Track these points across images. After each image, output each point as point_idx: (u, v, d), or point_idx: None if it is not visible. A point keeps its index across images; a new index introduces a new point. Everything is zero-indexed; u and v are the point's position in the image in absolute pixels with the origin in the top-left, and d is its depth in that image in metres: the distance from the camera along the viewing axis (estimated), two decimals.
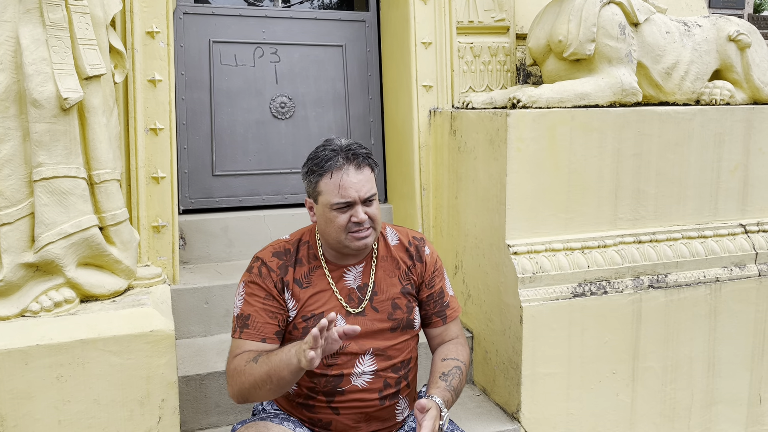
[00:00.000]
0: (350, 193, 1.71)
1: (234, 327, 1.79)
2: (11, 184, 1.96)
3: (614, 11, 2.69)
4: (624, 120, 2.60)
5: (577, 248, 2.55)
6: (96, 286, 2.12)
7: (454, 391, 1.78)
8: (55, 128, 1.98)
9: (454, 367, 1.83)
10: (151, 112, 2.60)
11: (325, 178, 1.73)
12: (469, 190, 2.75)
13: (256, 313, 1.77)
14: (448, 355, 1.88)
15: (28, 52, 1.94)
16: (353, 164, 1.73)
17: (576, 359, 2.53)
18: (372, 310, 1.83)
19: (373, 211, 1.76)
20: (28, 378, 1.91)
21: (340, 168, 1.72)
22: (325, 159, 1.74)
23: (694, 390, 2.76)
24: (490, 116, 2.56)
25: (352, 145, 1.76)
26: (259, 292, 1.79)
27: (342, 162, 1.72)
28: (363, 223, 1.74)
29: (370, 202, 1.75)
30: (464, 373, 1.86)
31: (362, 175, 1.74)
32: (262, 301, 1.78)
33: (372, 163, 1.78)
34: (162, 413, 2.06)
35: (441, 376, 1.80)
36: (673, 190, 2.73)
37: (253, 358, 1.69)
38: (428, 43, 3.04)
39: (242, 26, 3.22)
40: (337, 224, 1.74)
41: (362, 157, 1.75)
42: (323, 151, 1.76)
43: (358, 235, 1.75)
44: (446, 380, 1.79)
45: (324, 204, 1.75)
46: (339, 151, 1.74)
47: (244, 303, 1.79)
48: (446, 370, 1.82)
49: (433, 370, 1.85)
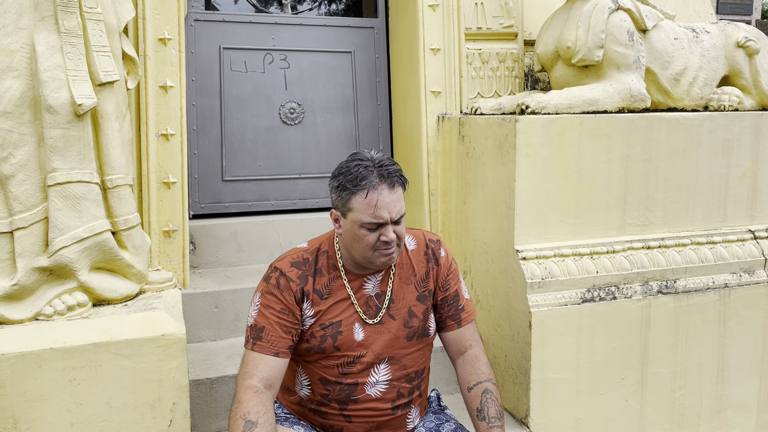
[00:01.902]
0: (383, 214, 1.69)
1: (247, 337, 1.77)
2: (26, 189, 1.99)
3: (623, 17, 2.70)
4: (632, 126, 2.60)
5: (586, 254, 2.55)
6: (108, 290, 2.14)
7: (495, 418, 1.78)
8: (69, 134, 2.01)
9: (482, 394, 1.82)
10: (162, 117, 2.62)
11: (358, 196, 1.70)
12: (477, 195, 2.76)
13: (270, 327, 1.75)
14: (471, 382, 1.85)
15: (43, 59, 1.97)
16: (387, 183, 1.70)
17: (585, 365, 2.53)
18: (389, 319, 1.83)
19: (400, 229, 1.75)
20: (41, 381, 1.93)
21: (374, 188, 1.69)
22: (359, 177, 1.70)
23: (703, 396, 2.76)
24: (498, 122, 2.57)
25: (384, 161, 1.73)
26: (275, 304, 1.77)
27: (376, 181, 1.69)
28: (391, 242, 1.73)
29: (399, 222, 1.74)
30: (495, 386, 1.85)
31: (395, 195, 1.71)
32: (278, 314, 1.76)
33: (403, 182, 1.75)
34: (173, 416, 2.08)
35: (477, 414, 1.80)
36: (682, 196, 2.73)
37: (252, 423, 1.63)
38: (437, 49, 3.06)
39: (252, 33, 3.25)
40: (366, 242, 1.72)
41: (396, 176, 1.72)
42: (356, 167, 1.71)
43: (385, 252, 1.74)
44: (484, 417, 1.79)
45: (354, 221, 1.72)
46: (372, 168, 1.70)
47: (259, 314, 1.77)
48: (479, 404, 1.81)
49: (468, 407, 1.85)
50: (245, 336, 1.79)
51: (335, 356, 1.79)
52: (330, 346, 1.79)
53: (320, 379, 1.82)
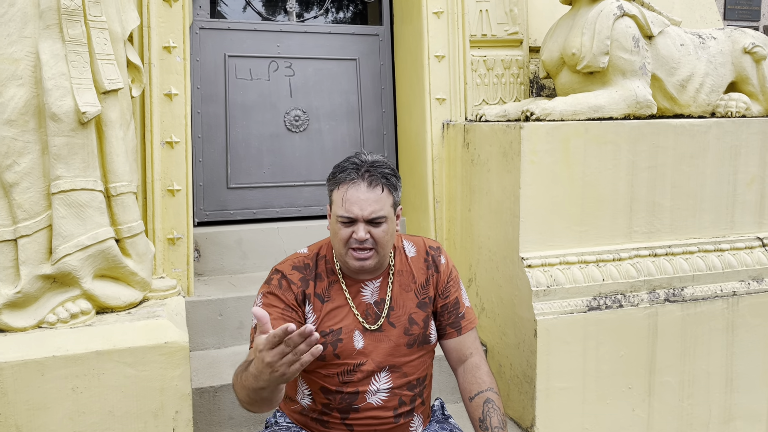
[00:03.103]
0: (353, 209, 1.69)
1: (252, 337, 1.74)
2: (30, 196, 1.99)
3: (628, 24, 2.69)
4: (638, 132, 2.59)
5: (592, 261, 2.53)
6: (112, 297, 2.14)
7: (498, 427, 1.76)
8: (73, 142, 2.01)
9: (484, 403, 1.80)
10: (167, 125, 2.63)
11: (338, 190, 1.73)
12: (482, 202, 2.75)
13: (274, 322, 1.73)
14: (472, 391, 1.84)
15: (48, 67, 1.98)
16: (366, 181, 1.70)
17: (591, 373, 2.50)
18: (389, 326, 1.82)
19: (378, 233, 1.72)
20: (44, 389, 1.93)
21: (351, 182, 1.70)
22: (341, 170, 1.73)
23: (711, 405, 2.73)
24: (503, 129, 2.56)
25: (377, 162, 1.73)
26: (278, 303, 1.76)
27: (355, 176, 1.71)
28: (363, 242, 1.71)
29: (377, 224, 1.71)
30: (497, 395, 1.83)
31: (372, 194, 1.70)
32: (281, 311, 1.75)
33: (389, 185, 1.73)
34: (176, 425, 2.07)
35: (480, 424, 1.78)
36: (689, 203, 2.71)
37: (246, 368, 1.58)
38: (441, 56, 3.06)
39: (257, 41, 3.26)
40: (340, 237, 1.73)
41: (379, 176, 1.71)
42: (345, 162, 1.75)
43: (357, 255, 1.73)
44: (486, 427, 1.77)
45: (334, 213, 1.75)
46: (359, 166, 1.72)
47: None
48: (481, 414, 1.79)
49: (470, 417, 1.83)
50: (250, 339, 1.74)
51: (335, 364, 1.78)
52: (330, 354, 1.77)
53: (321, 389, 1.80)
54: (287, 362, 1.38)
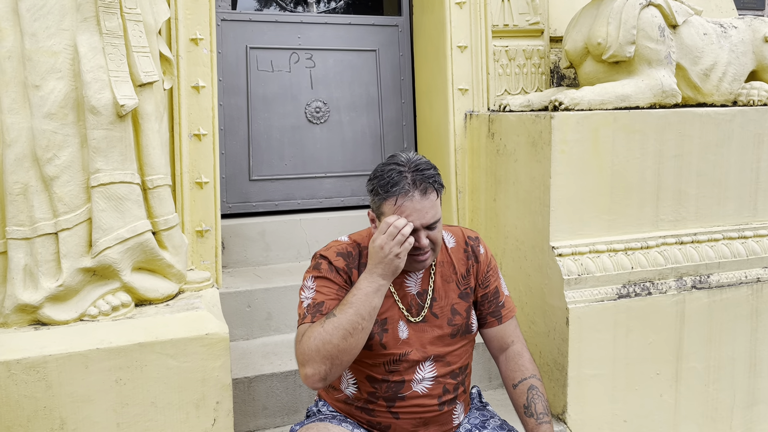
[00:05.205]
0: (413, 221, 1.68)
1: (304, 314, 1.73)
2: (70, 190, 1.99)
3: (653, 13, 2.70)
4: (665, 121, 2.60)
5: (621, 249, 2.55)
6: (150, 290, 2.15)
7: (543, 414, 1.80)
8: (111, 135, 2.01)
9: (528, 390, 1.83)
10: (194, 118, 2.62)
11: (389, 202, 1.69)
12: (509, 192, 2.76)
13: (330, 301, 1.73)
14: (515, 378, 1.87)
15: (86, 60, 1.97)
16: (419, 189, 1.68)
17: (621, 360, 2.53)
18: (432, 317, 1.84)
19: (435, 234, 1.73)
20: (88, 381, 1.94)
21: (405, 194, 1.67)
22: (391, 183, 1.68)
23: (736, 390, 2.76)
24: (532, 119, 2.57)
25: (421, 165, 1.71)
26: (332, 285, 1.76)
27: (408, 188, 1.67)
28: (424, 248, 1.72)
29: (433, 227, 1.72)
30: (540, 381, 1.86)
31: (427, 201, 1.69)
32: (336, 291, 1.75)
33: (438, 185, 1.72)
34: (217, 415, 2.08)
35: (524, 411, 1.81)
36: (714, 191, 2.73)
37: (326, 316, 1.64)
38: (464, 46, 3.06)
39: (278, 32, 3.25)
40: None
41: (429, 181, 1.70)
42: (390, 172, 1.70)
43: (419, 258, 1.74)
44: (532, 413, 1.80)
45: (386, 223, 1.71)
46: (406, 173, 1.69)
47: (317, 293, 1.75)
48: (525, 401, 1.82)
49: (514, 404, 1.86)
50: (299, 318, 1.74)
51: (381, 354, 1.80)
52: (377, 343, 1.79)
53: (367, 377, 1.82)
54: (398, 242, 1.64)
